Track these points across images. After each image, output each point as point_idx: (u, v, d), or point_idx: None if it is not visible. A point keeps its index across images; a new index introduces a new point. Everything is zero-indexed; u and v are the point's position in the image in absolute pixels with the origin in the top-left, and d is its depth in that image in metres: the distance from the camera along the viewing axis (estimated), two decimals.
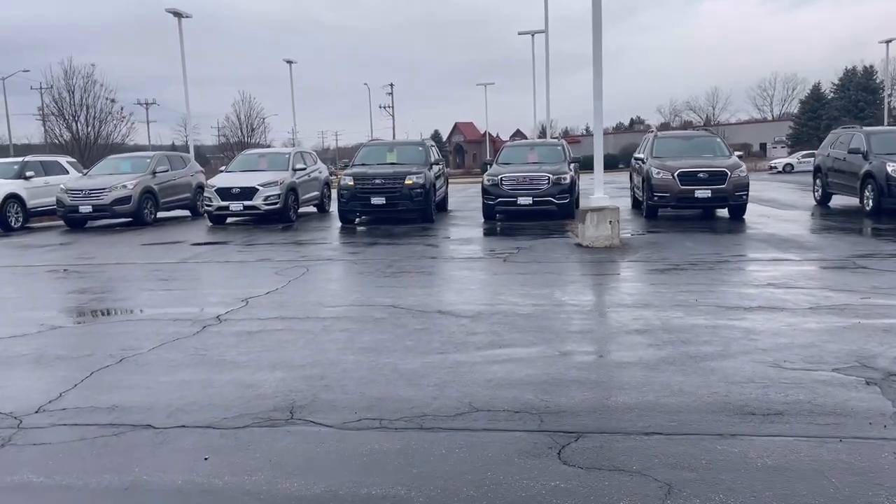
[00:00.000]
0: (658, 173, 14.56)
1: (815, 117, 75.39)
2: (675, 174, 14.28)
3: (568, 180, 15.13)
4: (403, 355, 5.40)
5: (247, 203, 15.94)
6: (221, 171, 17.61)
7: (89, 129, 33.59)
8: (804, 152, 55.29)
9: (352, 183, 15.21)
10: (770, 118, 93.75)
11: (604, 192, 11.81)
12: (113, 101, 34.88)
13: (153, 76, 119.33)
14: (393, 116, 78.46)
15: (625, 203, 18.17)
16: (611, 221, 11.34)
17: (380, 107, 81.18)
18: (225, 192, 16.04)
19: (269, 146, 35.17)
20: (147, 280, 9.43)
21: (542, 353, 5.35)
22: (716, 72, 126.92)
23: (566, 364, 5.05)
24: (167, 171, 17.96)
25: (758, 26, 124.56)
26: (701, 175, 14.19)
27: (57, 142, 32.99)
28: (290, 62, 48.13)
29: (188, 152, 28.89)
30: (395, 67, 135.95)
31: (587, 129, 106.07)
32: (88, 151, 26.08)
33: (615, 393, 4.44)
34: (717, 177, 14.18)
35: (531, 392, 4.49)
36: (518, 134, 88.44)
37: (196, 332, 6.32)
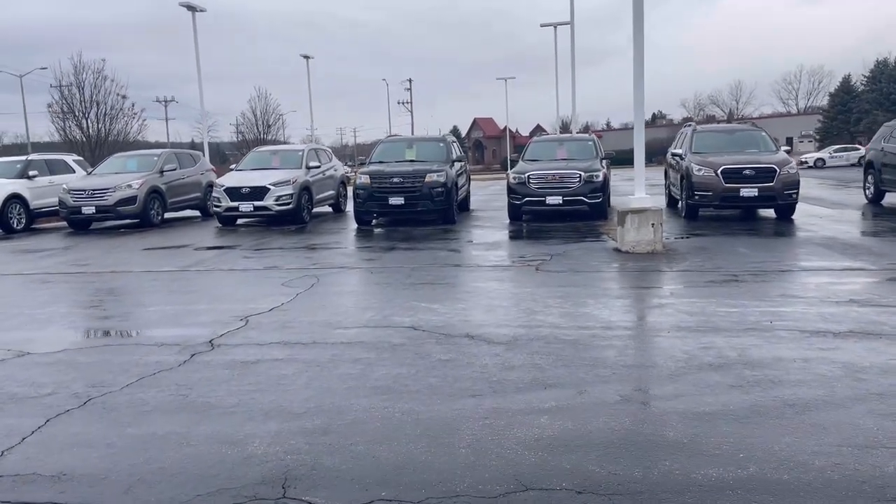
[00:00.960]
0: (699, 170, 13.42)
1: (845, 111, 73.30)
2: (719, 171, 13.13)
3: (601, 178, 14.04)
4: (427, 398, 4.39)
5: (257, 203, 15.02)
6: (231, 170, 16.72)
7: (100, 126, 33.00)
8: (837, 146, 53.59)
9: (368, 182, 14.24)
10: (795, 112, 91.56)
11: (645, 191, 10.72)
12: (124, 97, 34.23)
13: (172, 73, 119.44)
14: (411, 112, 77.53)
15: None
16: (653, 224, 10.25)
17: (398, 102, 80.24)
18: (234, 192, 15.13)
19: (286, 143, 34.31)
20: (140, 293, 8.50)
21: (599, 397, 4.31)
22: (739, 65, 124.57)
23: (633, 415, 4.02)
24: (175, 169, 17.10)
25: (782, 18, 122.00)
26: (747, 172, 13.03)
27: (68, 139, 32.28)
28: (307, 57, 47.33)
29: (203, 150, 28.22)
30: (413, 63, 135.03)
31: (608, 124, 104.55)
32: (99, 149, 25.36)
33: (704, 462, 3.40)
34: (764, 174, 13.01)
35: (594, 459, 3.46)
36: (539, 129, 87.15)
37: (182, 363, 5.36)
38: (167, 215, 17.46)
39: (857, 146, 53.58)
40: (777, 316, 6.13)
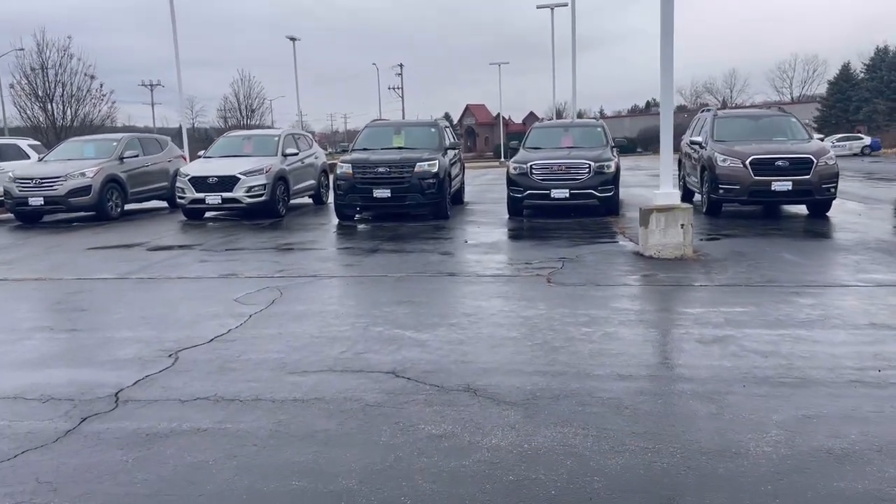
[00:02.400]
0: (724, 161, 11.86)
1: (844, 99, 71.81)
2: (747, 162, 11.57)
3: (612, 168, 12.45)
4: None
5: (226, 195, 13.37)
6: (199, 157, 15.03)
7: (65, 109, 30.86)
8: (840, 135, 52.14)
9: (350, 171, 12.60)
10: (789, 100, 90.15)
11: (673, 185, 9.15)
12: (92, 77, 32.08)
13: (163, 58, 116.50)
14: (402, 98, 75.63)
15: (647, 195, 15.47)
16: (683, 225, 8.69)
17: (389, 88, 78.36)
18: (200, 182, 13.46)
19: (271, 129, 32.52)
20: (54, 311, 6.86)
21: None
22: (733, 53, 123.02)
23: None
24: (137, 156, 15.37)
25: (776, 5, 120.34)
26: (780, 163, 11.47)
27: (33, 124, 30.22)
28: (293, 39, 45.56)
29: (182, 135, 26.40)
30: (405, 48, 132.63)
31: (601, 112, 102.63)
32: (65, 134, 23.48)
33: None
34: (799, 165, 11.46)
35: None
36: (532, 116, 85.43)
37: (63, 435, 3.76)
38: (130, 207, 15.79)
39: (859, 135, 52.21)
40: (882, 358, 4.59)
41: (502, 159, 52.28)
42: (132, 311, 6.56)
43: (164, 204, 16.75)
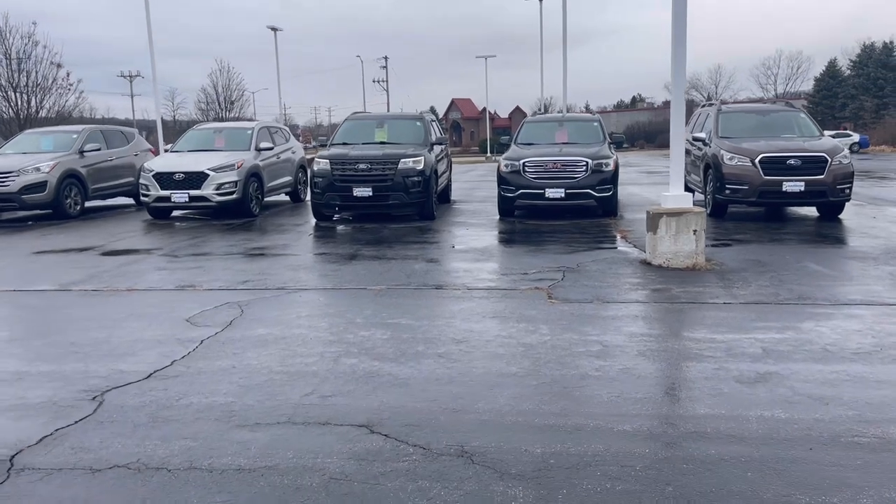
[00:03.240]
0: (732, 159, 11.03)
1: (830, 95, 71.57)
2: (757, 161, 10.75)
3: (611, 167, 11.57)
4: None
5: (194, 192, 12.35)
6: (166, 151, 13.98)
7: (29, 99, 29.31)
8: (831, 132, 51.59)
9: (328, 168, 11.63)
10: (773, 97, 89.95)
11: (684, 186, 8.28)
12: (59, 65, 30.56)
13: (144, 48, 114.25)
14: (387, 91, 74.44)
15: (654, 193, 14.62)
16: (695, 231, 7.83)
17: (373, 81, 77.13)
18: (165, 179, 12.43)
19: (244, 121, 31.08)
20: None
21: None
22: (718, 49, 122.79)
23: None
24: (99, 149, 14.28)
25: (762, 2, 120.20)
26: (792, 162, 10.65)
27: None
28: (274, 29, 44.29)
29: (157, 127, 25.22)
30: (390, 41, 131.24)
31: (587, 107, 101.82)
32: (30, 126, 22.31)
33: None
34: (813, 164, 10.64)
35: None
36: (518, 111, 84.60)
37: None
38: (93, 204, 14.72)
39: (849, 132, 51.75)
40: None
41: (489, 154, 51.40)
42: (62, 335, 5.57)
43: (131, 201, 15.67)
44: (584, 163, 11.40)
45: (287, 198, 15.72)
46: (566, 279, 7.19)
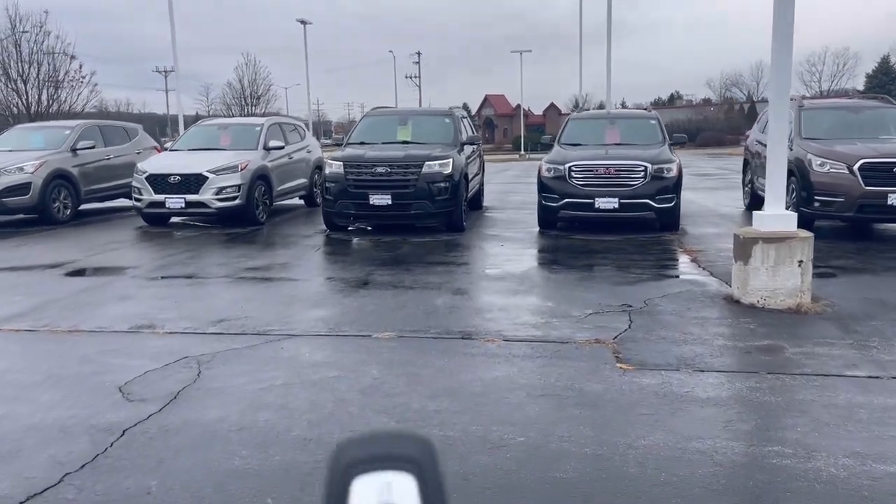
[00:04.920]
0: (822, 165, 9.17)
1: (884, 93, 68.17)
2: (856, 167, 8.87)
3: (674, 172, 9.77)
4: None
5: (190, 197, 10.84)
6: (166, 150, 12.53)
7: (41, 92, 28.13)
8: None
9: (341, 171, 10.01)
10: (818, 94, 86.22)
11: (785, 203, 6.46)
12: (72, 56, 29.35)
13: (179, 44, 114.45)
14: (420, 87, 72.95)
15: (713, 200, 12.77)
16: (800, 262, 6.04)
17: (406, 77, 75.63)
18: (159, 181, 10.95)
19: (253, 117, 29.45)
20: None
21: None
22: (761, 45, 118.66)
23: None
24: (94, 146, 12.86)
25: None
26: None
27: (7, 110, 27.56)
28: (304, 23, 43.07)
29: (179, 123, 23.92)
30: (423, 37, 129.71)
31: (622, 104, 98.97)
32: (41, 122, 21.14)
33: None
34: None
35: None
36: (553, 108, 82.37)
37: None
38: (90, 206, 13.35)
39: None
40: None
41: (522, 152, 49.55)
42: None
43: (131, 203, 14.24)
44: (643, 168, 9.61)
45: (301, 202, 14.15)
46: (635, 326, 5.46)
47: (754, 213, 6.43)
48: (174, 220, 11.93)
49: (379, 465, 0.32)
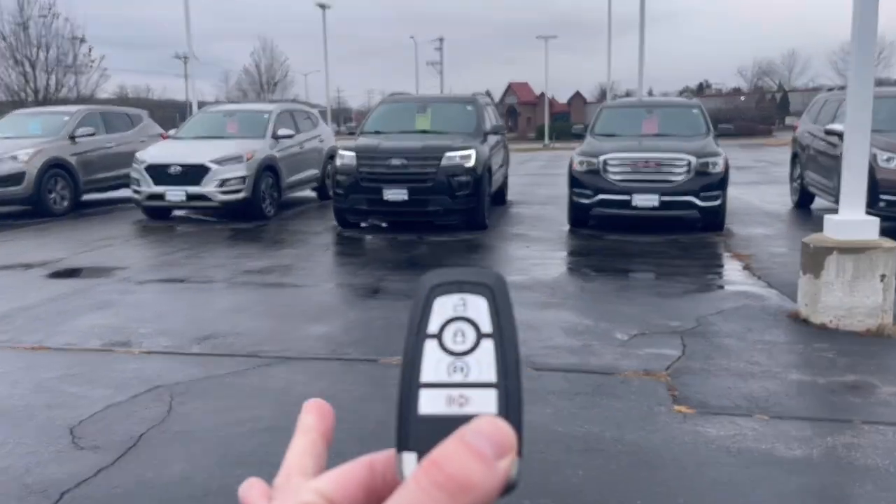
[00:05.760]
0: (889, 160, 8.33)
1: None
2: None
3: (720, 167, 8.86)
4: None
5: (192, 190, 10.11)
6: (169, 138, 11.81)
7: (49, 77, 27.53)
8: None
9: (354, 163, 9.21)
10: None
11: (864, 207, 5.55)
12: (82, 39, 28.64)
13: (199, 31, 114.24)
14: (441, 74, 72.04)
15: (756, 196, 11.74)
16: (883, 277, 5.14)
17: (427, 64, 74.70)
18: (159, 172, 10.22)
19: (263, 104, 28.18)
20: None
21: None
22: (793, 33, 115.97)
23: None
24: (94, 134, 12.16)
25: None
26: None
27: (15, 95, 26.98)
28: (323, 7, 42.24)
29: (190, 108, 23.23)
30: (445, 23, 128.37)
31: (650, 93, 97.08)
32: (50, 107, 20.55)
33: None
34: None
35: None
36: (578, 97, 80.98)
37: None
38: (90, 198, 12.68)
39: None
40: None
41: (546, 142, 48.45)
42: None
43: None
44: (686, 162, 8.70)
45: (314, 194, 13.39)
46: (689, 352, 4.60)
47: (826, 217, 5.52)
48: (177, 213, 11.22)
49: (457, 288, 0.38)
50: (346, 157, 9.30)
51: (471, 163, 9.10)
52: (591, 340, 4.90)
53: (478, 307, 0.39)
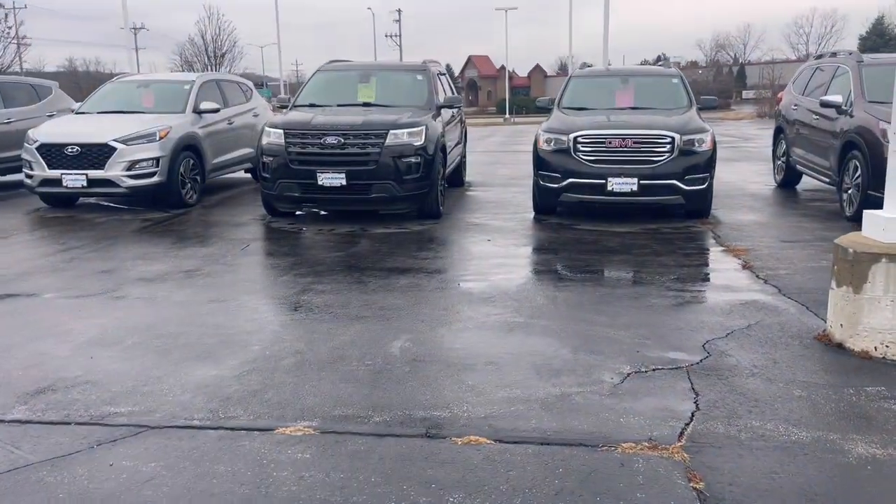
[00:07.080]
0: None
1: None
2: None
3: (707, 145, 7.67)
4: None
5: (94, 174, 8.57)
6: (70, 113, 10.16)
7: None
8: None
9: (281, 142, 7.77)
10: (805, 58, 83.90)
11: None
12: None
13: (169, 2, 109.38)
14: (400, 46, 69.92)
15: (736, 175, 10.57)
16: None
17: (385, 36, 72.44)
18: (54, 153, 8.65)
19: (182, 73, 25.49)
20: None
21: None
22: (749, 6, 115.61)
23: None
24: None
25: None
26: None
27: None
28: None
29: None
30: None
31: (608, 66, 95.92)
32: None
33: None
34: None
35: None
36: (538, 69, 79.60)
37: None
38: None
39: None
40: None
41: (507, 116, 47.15)
42: None
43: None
44: (669, 139, 7.47)
45: (248, 175, 11.88)
46: (704, 404, 3.38)
47: (868, 213, 4.31)
48: (84, 200, 9.64)
49: None
50: (272, 135, 7.85)
51: (420, 141, 7.74)
52: (571, 386, 3.63)
53: None
